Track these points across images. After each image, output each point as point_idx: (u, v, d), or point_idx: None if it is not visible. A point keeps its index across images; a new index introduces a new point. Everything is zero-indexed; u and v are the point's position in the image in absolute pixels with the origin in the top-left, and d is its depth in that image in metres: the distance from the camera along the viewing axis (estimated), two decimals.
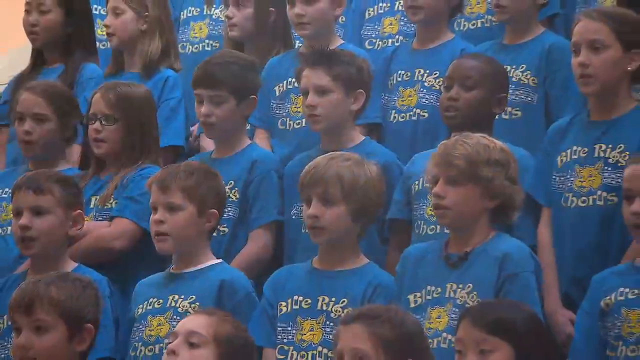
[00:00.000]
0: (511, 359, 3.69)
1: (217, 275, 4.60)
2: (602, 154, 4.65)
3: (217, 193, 4.70)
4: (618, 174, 4.48)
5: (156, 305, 4.58)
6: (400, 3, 5.76)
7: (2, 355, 4.69)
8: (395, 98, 5.48)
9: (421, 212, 4.76)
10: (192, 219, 4.61)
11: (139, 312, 4.62)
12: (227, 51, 5.53)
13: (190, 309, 4.49)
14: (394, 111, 5.46)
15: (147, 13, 5.79)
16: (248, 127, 5.44)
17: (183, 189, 4.60)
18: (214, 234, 4.86)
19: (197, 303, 4.52)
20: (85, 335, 4.09)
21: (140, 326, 4.58)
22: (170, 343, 3.97)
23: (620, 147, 4.61)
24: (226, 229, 5.04)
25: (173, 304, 4.55)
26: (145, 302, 4.64)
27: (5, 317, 4.66)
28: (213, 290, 4.55)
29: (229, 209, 5.01)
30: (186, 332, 3.94)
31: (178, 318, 4.42)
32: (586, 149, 4.68)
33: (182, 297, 4.57)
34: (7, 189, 5.11)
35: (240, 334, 4.01)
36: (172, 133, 5.63)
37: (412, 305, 4.31)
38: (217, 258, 4.71)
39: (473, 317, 3.76)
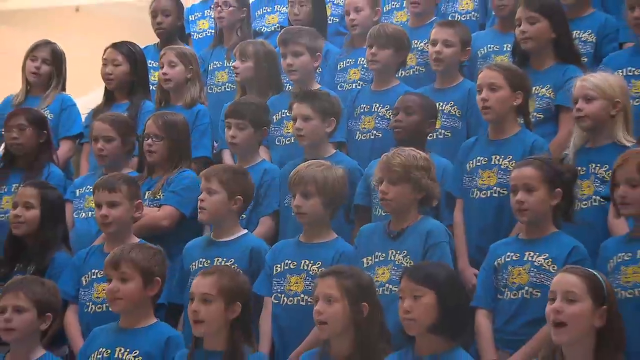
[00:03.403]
0: (434, 302, 3.79)
1: (247, 244, 4.65)
2: (497, 162, 4.70)
3: (244, 185, 4.71)
4: (507, 176, 4.52)
5: (205, 264, 4.57)
6: (361, 59, 5.79)
7: (87, 299, 4.73)
8: (359, 123, 5.50)
9: (377, 200, 4.68)
10: (223, 200, 4.63)
11: (193, 268, 4.62)
12: (251, 96, 5.51)
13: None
14: (358, 132, 5.49)
15: (191, 67, 5.83)
16: None
17: (220, 180, 4.63)
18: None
19: (236, 265, 4.54)
20: (155, 286, 4.25)
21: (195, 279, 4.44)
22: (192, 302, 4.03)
23: (509, 157, 4.66)
24: (244, 216, 5.01)
25: (221, 264, 4.56)
26: (197, 261, 4.64)
27: (89, 272, 4.74)
28: (246, 255, 4.60)
29: None
30: (199, 294, 4.01)
31: None
32: (486, 158, 4.73)
33: (225, 259, 4.59)
34: (89, 186, 5.15)
35: (237, 281, 4.09)
36: (203, 148, 5.67)
37: (365, 265, 4.39)
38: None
39: (410, 273, 3.89)
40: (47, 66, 6.08)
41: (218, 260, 4.60)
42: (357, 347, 3.86)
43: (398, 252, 4.35)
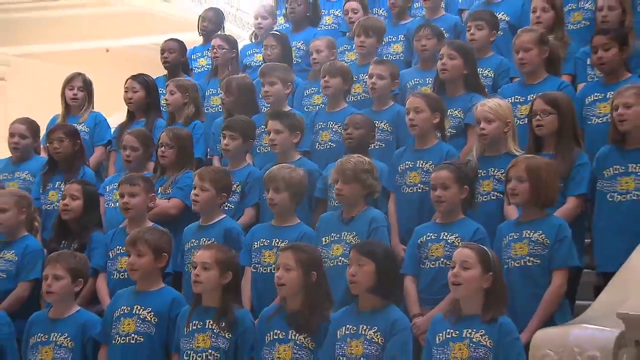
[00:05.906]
0: (373, 270, 3.82)
1: (222, 226, 4.62)
2: (420, 165, 4.73)
3: (228, 184, 4.70)
4: (428, 176, 4.53)
5: (195, 244, 4.58)
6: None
7: (113, 268, 4.73)
8: (318, 137, 5.46)
9: (333, 195, 4.68)
10: (212, 195, 4.61)
11: (187, 247, 4.63)
12: (242, 115, 5.35)
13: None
14: (317, 143, 5.46)
15: (187, 94, 5.84)
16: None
17: (210, 179, 4.61)
18: (226, 209, 4.90)
19: (215, 243, 4.45)
20: (163, 259, 4.24)
21: (190, 256, 4.49)
22: (195, 269, 4.05)
23: (430, 162, 4.70)
24: (232, 207, 5.00)
25: (204, 243, 4.51)
26: (189, 242, 4.64)
27: (114, 248, 4.72)
28: (221, 234, 4.57)
29: (234, 197, 5.02)
30: (200, 262, 4.04)
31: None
32: (413, 162, 4.76)
33: (207, 239, 4.55)
34: (116, 183, 5.07)
35: (229, 255, 4.12)
36: (197, 151, 5.56)
37: (324, 243, 4.41)
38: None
39: (357, 246, 3.94)
40: (82, 92, 6.05)
41: (203, 240, 4.57)
42: (306, 304, 3.91)
43: (349, 233, 4.40)
